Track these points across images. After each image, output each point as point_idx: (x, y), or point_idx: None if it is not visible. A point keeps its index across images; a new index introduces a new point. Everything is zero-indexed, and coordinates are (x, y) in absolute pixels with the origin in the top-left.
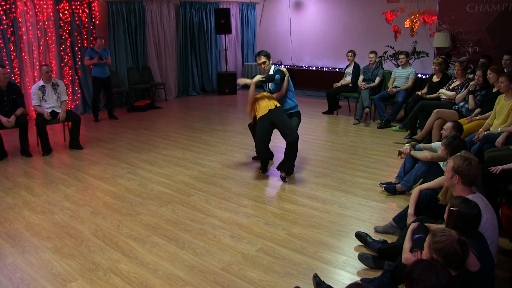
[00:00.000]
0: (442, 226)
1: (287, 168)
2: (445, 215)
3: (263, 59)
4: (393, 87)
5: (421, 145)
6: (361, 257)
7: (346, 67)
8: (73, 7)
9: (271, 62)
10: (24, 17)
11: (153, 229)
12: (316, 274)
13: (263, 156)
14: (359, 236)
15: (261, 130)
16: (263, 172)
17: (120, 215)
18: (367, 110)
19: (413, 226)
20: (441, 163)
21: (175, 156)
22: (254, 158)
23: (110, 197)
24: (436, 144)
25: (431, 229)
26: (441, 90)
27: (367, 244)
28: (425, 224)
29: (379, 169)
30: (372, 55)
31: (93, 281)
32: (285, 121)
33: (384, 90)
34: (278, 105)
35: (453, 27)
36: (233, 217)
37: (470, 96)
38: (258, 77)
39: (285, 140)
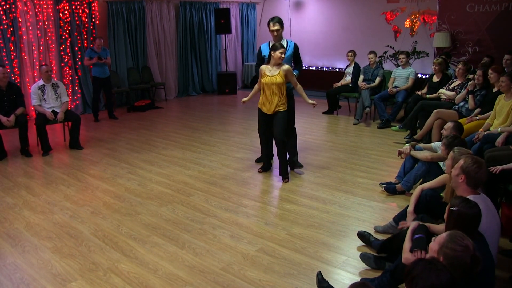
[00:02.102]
0: (442, 226)
1: (284, 171)
2: (445, 215)
3: (277, 26)
4: (393, 87)
5: (421, 145)
6: (363, 257)
7: (346, 67)
8: (73, 7)
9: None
10: (24, 17)
11: (153, 229)
12: (320, 272)
13: (267, 150)
14: (362, 235)
15: (262, 123)
16: (263, 171)
17: (120, 215)
18: (367, 110)
19: (413, 226)
20: (441, 163)
21: (175, 156)
22: (257, 160)
23: (110, 197)
24: (436, 144)
25: (431, 229)
26: (441, 90)
27: (370, 243)
28: (425, 224)
29: (379, 169)
30: (371, 56)
31: (93, 281)
32: (279, 123)
33: (384, 90)
34: (285, 108)
35: (453, 27)
36: (233, 217)
37: (470, 96)
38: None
39: (274, 140)
